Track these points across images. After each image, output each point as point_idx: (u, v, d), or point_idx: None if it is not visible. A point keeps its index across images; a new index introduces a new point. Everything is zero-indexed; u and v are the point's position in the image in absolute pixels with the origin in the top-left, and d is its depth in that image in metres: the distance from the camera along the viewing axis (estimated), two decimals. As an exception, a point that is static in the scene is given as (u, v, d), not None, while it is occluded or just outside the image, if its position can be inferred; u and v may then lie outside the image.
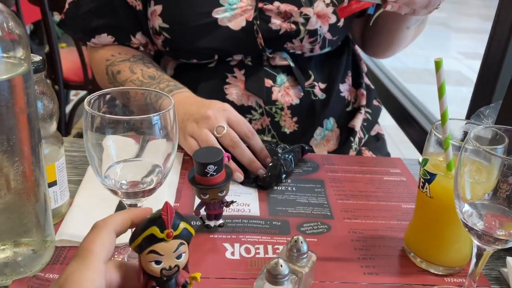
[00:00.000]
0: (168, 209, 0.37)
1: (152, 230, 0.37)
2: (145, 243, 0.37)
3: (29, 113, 0.43)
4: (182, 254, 0.39)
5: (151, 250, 0.37)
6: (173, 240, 0.38)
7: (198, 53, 0.79)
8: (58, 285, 0.35)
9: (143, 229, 0.37)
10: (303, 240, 0.47)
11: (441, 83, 0.46)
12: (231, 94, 0.80)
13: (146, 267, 0.38)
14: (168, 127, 0.44)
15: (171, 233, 0.37)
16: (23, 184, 0.44)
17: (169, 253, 0.38)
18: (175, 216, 0.38)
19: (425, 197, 0.51)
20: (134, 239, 0.37)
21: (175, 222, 0.38)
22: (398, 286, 0.50)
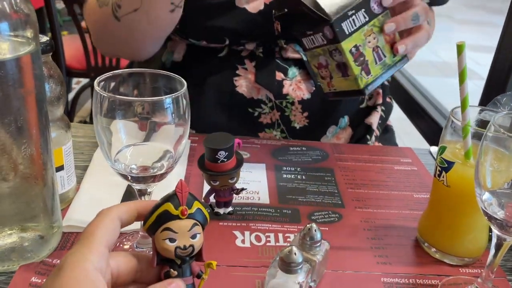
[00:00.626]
0: (182, 186, 0.36)
1: (167, 206, 0.36)
2: (159, 220, 0.36)
3: (37, 94, 0.42)
4: (197, 234, 0.37)
5: (165, 227, 0.36)
6: (187, 219, 0.36)
7: (209, 33, 0.76)
8: (58, 267, 0.33)
9: (157, 206, 0.36)
10: (316, 228, 0.46)
11: (462, 68, 0.45)
12: (241, 87, 0.78)
13: (160, 247, 0.36)
14: (180, 110, 0.42)
15: (185, 210, 0.36)
16: (30, 167, 0.43)
17: (183, 232, 0.36)
18: (190, 195, 0.37)
19: (441, 186, 0.50)
20: (148, 218, 0.36)
21: (189, 201, 0.36)
22: (412, 276, 0.49)
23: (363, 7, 0.59)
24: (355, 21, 0.59)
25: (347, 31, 0.58)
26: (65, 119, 0.54)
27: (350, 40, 0.59)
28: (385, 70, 0.63)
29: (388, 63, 0.63)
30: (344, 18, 0.58)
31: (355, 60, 0.60)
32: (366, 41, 0.60)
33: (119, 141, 0.44)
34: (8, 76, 0.39)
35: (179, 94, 0.41)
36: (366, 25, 0.60)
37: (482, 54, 3.04)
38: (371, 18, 0.60)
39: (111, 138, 0.42)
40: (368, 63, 0.61)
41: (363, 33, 0.60)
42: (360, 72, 0.61)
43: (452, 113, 0.49)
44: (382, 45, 0.62)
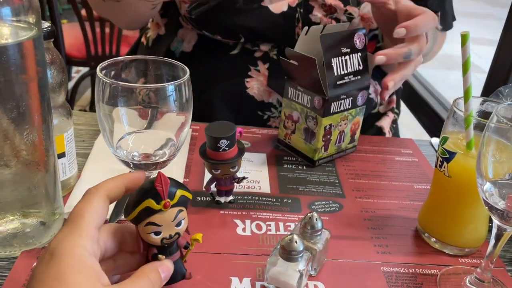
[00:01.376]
0: (162, 180, 0.36)
1: (148, 203, 0.35)
2: (142, 215, 0.36)
3: (40, 80, 0.42)
4: (181, 221, 0.38)
5: (149, 222, 0.36)
6: (170, 209, 0.37)
7: (226, 28, 0.74)
8: (49, 252, 0.33)
9: (137, 202, 0.36)
10: (317, 217, 0.47)
11: (466, 58, 0.45)
12: (252, 89, 0.77)
13: (146, 238, 0.37)
14: (183, 98, 0.42)
15: (167, 203, 0.36)
16: (33, 153, 0.43)
17: (168, 223, 0.37)
18: (171, 184, 0.36)
19: (442, 177, 0.50)
20: (129, 213, 0.36)
21: (171, 192, 0.36)
22: (412, 265, 0.50)
23: (351, 96, 0.65)
24: (341, 105, 0.65)
25: (332, 110, 0.64)
26: (66, 106, 0.53)
27: (329, 118, 0.65)
28: (336, 152, 0.69)
29: (342, 147, 0.69)
30: (336, 99, 0.63)
31: (324, 136, 0.65)
32: (339, 123, 0.66)
33: (121, 128, 0.44)
34: (10, 62, 0.39)
35: (182, 81, 0.41)
36: (346, 111, 0.66)
37: (484, 47, 3.03)
38: (352, 108, 0.67)
39: (113, 125, 0.42)
40: (330, 142, 0.67)
41: (341, 117, 0.66)
42: (321, 147, 0.66)
43: (454, 103, 0.48)
44: (346, 131, 0.68)
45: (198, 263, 0.47)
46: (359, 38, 0.64)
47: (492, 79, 0.78)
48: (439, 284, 0.47)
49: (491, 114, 0.40)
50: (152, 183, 0.36)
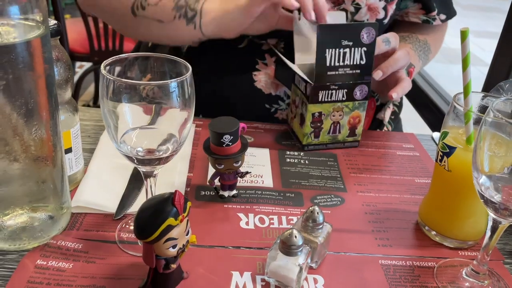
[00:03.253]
0: (179, 197, 0.39)
1: (169, 221, 0.38)
2: (162, 234, 0.38)
3: (47, 77, 0.43)
4: (189, 229, 0.41)
5: (168, 238, 0.39)
6: (183, 221, 0.40)
7: None
8: None
9: (159, 223, 0.38)
10: (319, 211, 0.47)
11: (466, 54, 0.45)
12: (260, 82, 0.77)
13: (163, 253, 0.40)
14: (185, 94, 0.43)
15: (183, 217, 0.39)
16: (41, 149, 0.44)
17: (182, 235, 0.40)
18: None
19: (442, 171, 0.51)
20: (150, 234, 0.38)
21: (184, 206, 0.40)
22: (412, 258, 0.51)
23: (346, 88, 0.66)
24: (333, 95, 0.66)
25: (320, 98, 0.66)
26: (73, 102, 0.54)
27: (318, 106, 0.66)
28: (332, 141, 0.70)
29: (339, 139, 0.71)
30: (324, 88, 0.65)
31: (312, 122, 0.68)
32: (332, 113, 0.68)
33: (125, 124, 0.44)
34: (18, 59, 0.40)
35: (184, 78, 0.42)
36: (340, 102, 0.67)
37: (487, 40, 3.01)
38: (348, 100, 0.67)
39: (117, 121, 0.43)
40: (321, 130, 0.69)
41: (333, 107, 0.67)
42: (310, 133, 0.68)
43: (454, 98, 0.49)
44: (343, 123, 0.69)
45: (202, 256, 0.48)
46: (368, 32, 0.65)
47: (494, 73, 0.78)
48: (436, 276, 0.48)
49: (487, 109, 0.40)
50: (168, 202, 0.38)
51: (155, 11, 0.71)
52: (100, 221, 0.52)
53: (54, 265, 0.45)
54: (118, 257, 0.47)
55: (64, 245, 0.48)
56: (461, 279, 0.48)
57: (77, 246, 0.48)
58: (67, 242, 0.48)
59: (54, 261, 0.46)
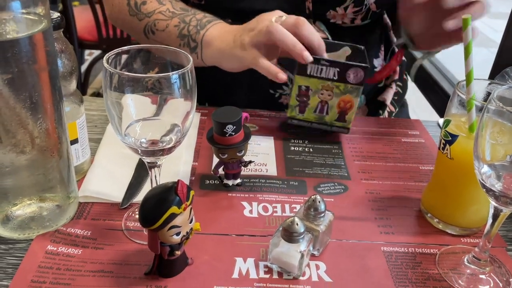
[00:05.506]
0: (182, 186, 0.40)
1: (172, 210, 0.39)
2: (165, 222, 0.40)
3: (50, 70, 0.44)
4: (192, 217, 0.42)
5: (172, 226, 0.40)
6: (186, 210, 0.41)
7: (237, 12, 0.75)
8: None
9: (162, 212, 0.39)
10: (320, 200, 0.48)
11: (468, 42, 0.45)
12: None
13: (167, 240, 0.41)
14: (187, 85, 0.43)
15: (186, 205, 0.41)
16: (46, 141, 0.45)
17: (185, 222, 0.41)
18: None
19: (445, 159, 0.51)
20: (154, 222, 0.39)
21: (187, 195, 0.41)
22: (414, 245, 0.51)
23: (338, 67, 0.63)
24: (322, 71, 0.64)
25: (309, 72, 0.64)
26: (78, 93, 0.55)
27: (305, 79, 0.65)
28: (318, 121, 0.68)
29: (326, 120, 0.68)
30: (313, 61, 0.63)
31: (298, 95, 0.66)
32: (320, 91, 0.65)
33: (129, 116, 0.45)
34: (22, 54, 0.40)
35: (186, 70, 0.42)
36: (330, 81, 0.64)
37: (500, 21, 2.95)
38: (340, 81, 0.64)
39: (121, 112, 0.44)
40: (307, 106, 0.67)
41: (322, 84, 0.65)
42: (295, 106, 0.67)
43: (457, 86, 0.49)
44: (331, 105, 0.66)
45: (206, 243, 0.49)
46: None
47: (501, 59, 0.77)
48: (438, 263, 0.48)
49: (489, 97, 0.40)
50: (171, 191, 0.40)
51: (163, 37, 0.72)
52: (107, 210, 0.53)
53: (64, 251, 0.47)
54: (125, 244, 0.48)
55: (74, 232, 0.49)
56: (462, 266, 0.48)
57: (86, 233, 0.49)
58: (76, 230, 0.49)
59: (64, 247, 0.47)
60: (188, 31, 0.70)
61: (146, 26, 0.73)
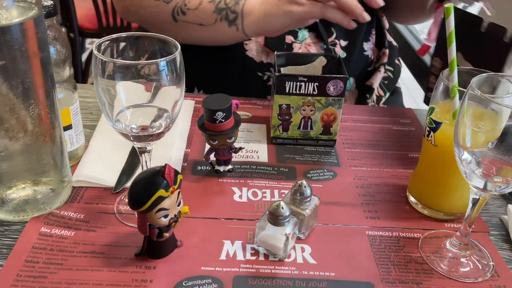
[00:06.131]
0: (169, 170, 0.41)
1: (160, 193, 0.41)
2: (153, 204, 0.41)
3: (42, 57, 0.45)
4: (181, 200, 0.44)
5: (159, 208, 0.41)
6: (174, 192, 0.42)
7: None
8: None
9: (150, 194, 0.41)
10: (306, 185, 0.49)
11: (450, 31, 0.45)
12: (251, 50, 0.78)
13: (155, 223, 0.43)
14: (174, 73, 0.44)
15: (174, 189, 0.42)
16: (39, 126, 0.46)
17: (173, 205, 0.43)
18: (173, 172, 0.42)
19: (429, 146, 0.52)
20: (142, 205, 0.41)
21: (175, 179, 0.42)
22: (399, 230, 0.52)
23: (317, 82, 0.62)
24: (301, 88, 0.62)
25: (288, 90, 0.62)
26: (71, 80, 0.56)
27: (285, 97, 0.63)
28: (303, 137, 0.67)
29: (311, 135, 0.67)
30: (290, 78, 0.62)
31: (279, 114, 0.65)
32: (302, 107, 0.64)
33: (120, 102, 0.46)
34: (13, 41, 0.41)
35: (173, 56, 0.43)
36: (311, 96, 0.63)
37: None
38: (320, 95, 0.63)
39: (111, 99, 0.45)
40: (290, 124, 0.66)
41: (303, 100, 0.63)
42: (278, 125, 0.66)
43: (442, 74, 0.50)
44: (315, 120, 0.65)
45: (196, 227, 0.51)
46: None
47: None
48: (421, 247, 0.50)
49: (469, 84, 0.41)
50: (158, 175, 0.41)
51: (195, 15, 0.71)
52: (100, 194, 0.54)
53: (57, 232, 0.48)
54: (116, 226, 0.50)
55: (67, 215, 0.51)
56: (444, 249, 0.49)
57: (79, 216, 0.51)
58: (69, 213, 0.51)
59: (57, 229, 0.49)
60: (226, 3, 0.70)
61: (175, 8, 0.72)
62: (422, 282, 0.46)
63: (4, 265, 0.44)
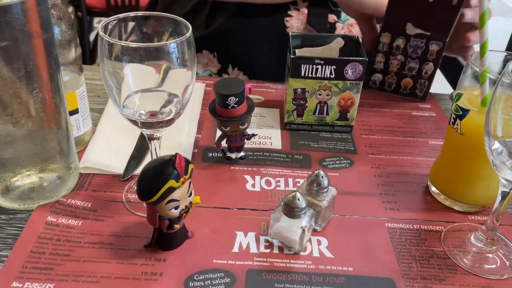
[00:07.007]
0: (180, 160, 0.39)
1: (170, 183, 0.39)
2: (163, 196, 0.39)
3: (46, 38, 0.42)
4: (192, 191, 0.41)
5: (170, 199, 0.39)
6: (185, 183, 0.40)
7: None
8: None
9: (160, 185, 0.38)
10: (324, 175, 0.47)
11: (483, 11, 0.42)
12: (292, 28, 0.75)
13: (166, 214, 0.40)
14: (185, 55, 0.42)
15: (184, 179, 0.40)
16: (43, 111, 0.44)
17: (184, 196, 0.40)
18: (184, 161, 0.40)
19: (455, 134, 0.49)
20: (151, 196, 0.39)
21: (186, 168, 0.40)
22: (420, 222, 0.50)
23: (334, 65, 0.59)
24: (318, 71, 0.59)
25: (303, 73, 0.59)
26: (78, 62, 0.54)
27: (300, 81, 0.60)
28: (318, 123, 0.64)
29: (327, 121, 0.63)
30: (306, 61, 0.59)
31: (294, 99, 0.62)
32: (318, 92, 0.61)
33: (127, 86, 0.44)
34: (14, 21, 0.39)
35: (184, 38, 0.41)
36: (328, 80, 0.60)
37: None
38: (338, 79, 0.60)
39: (118, 83, 0.43)
40: (305, 109, 0.62)
41: (319, 84, 0.60)
42: (292, 111, 0.63)
43: (471, 58, 0.46)
44: (331, 104, 0.62)
45: (207, 217, 0.49)
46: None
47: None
48: (443, 240, 0.47)
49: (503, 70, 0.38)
50: (168, 165, 0.39)
51: None
52: (108, 181, 0.52)
53: (64, 222, 0.47)
54: (125, 216, 0.48)
55: (74, 203, 0.49)
56: (468, 244, 0.47)
57: (86, 204, 0.49)
58: (76, 201, 0.49)
59: (64, 218, 0.47)
60: None
61: None
62: (445, 279, 0.43)
63: (9, 255, 0.42)
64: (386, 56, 0.70)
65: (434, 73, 0.70)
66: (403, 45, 0.68)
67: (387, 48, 0.70)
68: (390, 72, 0.72)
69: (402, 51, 0.69)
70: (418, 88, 0.72)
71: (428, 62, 0.69)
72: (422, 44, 0.68)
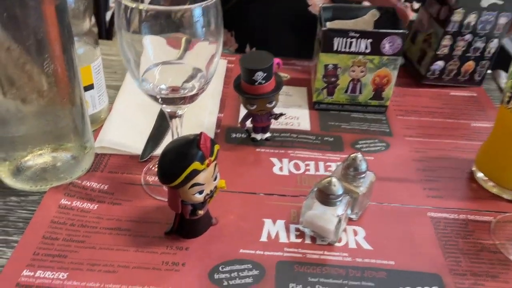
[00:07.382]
0: (205, 139, 0.35)
1: (194, 166, 0.35)
2: (187, 179, 0.35)
3: (58, 4, 0.38)
4: (217, 174, 0.38)
5: (194, 183, 0.36)
6: (210, 166, 0.36)
7: None
8: None
9: (183, 168, 0.35)
10: (361, 158, 0.42)
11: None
12: (314, 5, 0.71)
13: (189, 199, 0.37)
14: (212, 24, 0.37)
15: (210, 161, 0.36)
16: (55, 85, 0.40)
17: (209, 180, 0.37)
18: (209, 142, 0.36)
19: (509, 114, 0.44)
20: (174, 179, 0.35)
21: (211, 149, 0.36)
22: (466, 211, 0.45)
23: (370, 38, 0.54)
24: (352, 45, 0.54)
25: (336, 47, 0.55)
26: (93, 34, 0.50)
27: (332, 56, 0.55)
28: (350, 102, 0.59)
29: (359, 100, 0.59)
30: (340, 34, 0.54)
31: (325, 76, 0.57)
32: (351, 68, 0.56)
33: (147, 59, 0.40)
34: (22, -18, 0.35)
35: (211, 2, 0.36)
36: (362, 55, 0.55)
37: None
38: (374, 54, 0.55)
39: (137, 55, 0.38)
40: (336, 87, 0.58)
41: (353, 60, 0.56)
42: (322, 89, 0.58)
43: (532, 28, 0.41)
44: (365, 82, 0.57)
45: (232, 202, 0.45)
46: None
47: None
48: (493, 233, 0.43)
49: None
50: (193, 145, 0.35)
51: None
52: (126, 162, 0.49)
53: (79, 205, 0.43)
54: (144, 200, 0.45)
55: (89, 185, 0.46)
56: (522, 237, 0.42)
57: (102, 187, 0.46)
58: (92, 183, 0.46)
59: (79, 202, 0.44)
60: None
61: None
62: (498, 275, 0.39)
63: (20, 241, 0.39)
64: (453, 37, 0.61)
65: (497, 51, 0.62)
66: (474, 22, 0.59)
67: (458, 27, 0.60)
68: (453, 57, 0.63)
69: (472, 29, 0.60)
70: (477, 71, 0.64)
71: (493, 39, 0.61)
72: (492, 18, 0.59)
